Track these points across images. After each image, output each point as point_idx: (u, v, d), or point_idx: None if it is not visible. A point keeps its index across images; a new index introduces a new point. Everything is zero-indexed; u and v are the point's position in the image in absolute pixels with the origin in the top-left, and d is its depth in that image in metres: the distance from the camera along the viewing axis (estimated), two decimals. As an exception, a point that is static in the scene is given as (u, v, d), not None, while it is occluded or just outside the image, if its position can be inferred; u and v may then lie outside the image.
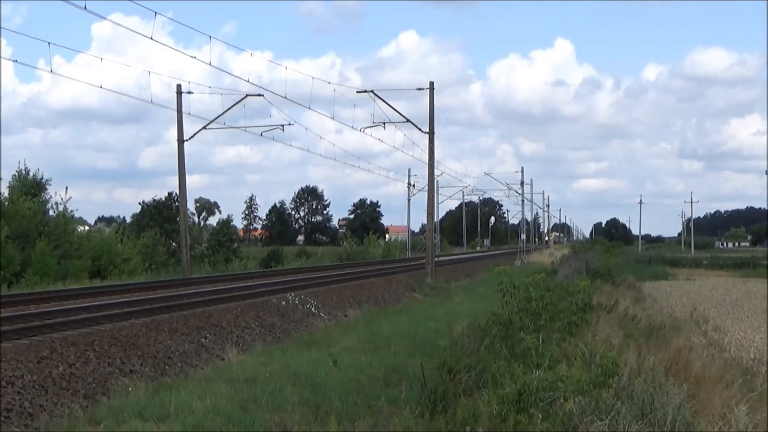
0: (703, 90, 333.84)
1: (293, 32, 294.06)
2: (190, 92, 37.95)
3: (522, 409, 7.59)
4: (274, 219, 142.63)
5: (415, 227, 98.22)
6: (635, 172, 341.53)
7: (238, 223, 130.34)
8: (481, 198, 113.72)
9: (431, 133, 39.56)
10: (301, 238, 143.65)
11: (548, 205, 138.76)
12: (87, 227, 56.65)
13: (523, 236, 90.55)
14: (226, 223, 66.67)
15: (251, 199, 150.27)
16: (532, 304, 9.88)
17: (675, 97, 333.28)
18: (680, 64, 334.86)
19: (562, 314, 10.09)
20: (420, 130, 40.20)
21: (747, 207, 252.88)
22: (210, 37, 27.51)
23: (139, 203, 61.45)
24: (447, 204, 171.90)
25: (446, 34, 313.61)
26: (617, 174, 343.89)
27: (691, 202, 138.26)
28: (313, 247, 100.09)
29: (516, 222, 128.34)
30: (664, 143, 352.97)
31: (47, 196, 42.84)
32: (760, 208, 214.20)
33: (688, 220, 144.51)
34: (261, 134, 40.93)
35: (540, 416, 7.64)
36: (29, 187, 41.84)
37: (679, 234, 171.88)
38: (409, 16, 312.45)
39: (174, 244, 54.79)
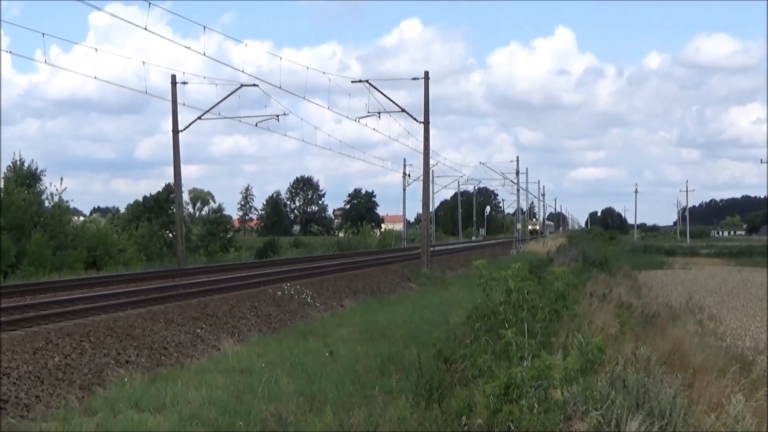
0: (704, 78, 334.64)
1: (295, 21, 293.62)
2: (185, 83, 37.90)
3: (511, 401, 7.56)
4: (269, 209, 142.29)
5: (411, 217, 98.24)
6: (633, 161, 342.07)
7: (234, 213, 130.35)
8: (476, 187, 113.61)
9: (426, 123, 39.47)
10: (297, 228, 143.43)
11: (543, 195, 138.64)
12: (82, 218, 56.42)
13: (519, 225, 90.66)
14: (218, 212, 66.31)
15: (247, 189, 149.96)
16: (512, 296, 9.79)
17: (677, 85, 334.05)
18: (682, 52, 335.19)
19: (542, 304, 10.02)
20: (415, 119, 40.15)
21: (743, 196, 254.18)
22: (204, 27, 27.48)
23: (143, 198, 61.08)
24: (442, 193, 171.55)
25: (449, 23, 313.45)
26: (615, 163, 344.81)
27: (687, 190, 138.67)
28: (308, 237, 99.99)
29: (512, 212, 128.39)
30: (664, 132, 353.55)
31: (42, 187, 42.72)
32: (755, 197, 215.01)
33: (684, 209, 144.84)
34: (256, 124, 40.85)
35: (536, 406, 7.62)
36: (24, 178, 41.67)
37: (675, 223, 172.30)
38: (413, 5, 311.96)
39: (170, 234, 54.64)
